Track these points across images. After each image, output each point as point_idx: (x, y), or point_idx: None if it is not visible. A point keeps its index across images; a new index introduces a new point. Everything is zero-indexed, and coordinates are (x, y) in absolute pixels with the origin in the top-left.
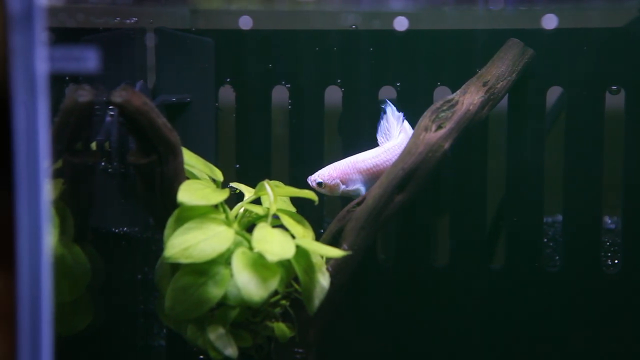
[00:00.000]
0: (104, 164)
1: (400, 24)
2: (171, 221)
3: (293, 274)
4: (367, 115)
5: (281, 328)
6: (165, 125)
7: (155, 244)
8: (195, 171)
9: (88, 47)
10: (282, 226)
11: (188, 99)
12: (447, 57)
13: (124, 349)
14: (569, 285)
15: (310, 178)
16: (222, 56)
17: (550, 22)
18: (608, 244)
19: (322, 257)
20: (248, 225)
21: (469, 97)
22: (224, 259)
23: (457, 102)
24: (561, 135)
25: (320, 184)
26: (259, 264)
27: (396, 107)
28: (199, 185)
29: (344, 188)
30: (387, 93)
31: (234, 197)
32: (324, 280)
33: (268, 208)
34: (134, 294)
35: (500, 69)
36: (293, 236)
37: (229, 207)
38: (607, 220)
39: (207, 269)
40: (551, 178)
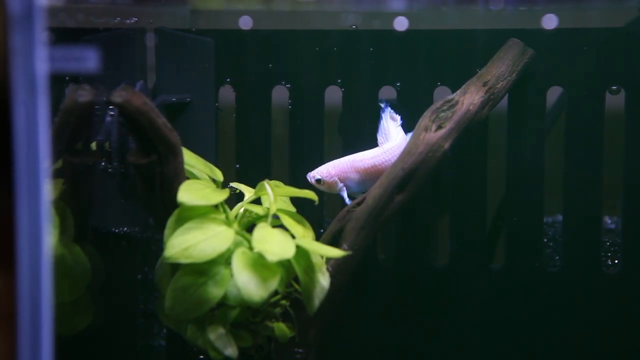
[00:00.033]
0: (104, 164)
1: (400, 24)
2: (171, 221)
3: (293, 274)
4: (367, 115)
5: (281, 328)
6: (165, 125)
7: (155, 244)
8: (195, 171)
9: (88, 47)
10: (282, 226)
11: (188, 99)
12: (447, 57)
13: (124, 349)
14: (569, 285)
15: (309, 174)
16: (222, 56)
17: (550, 22)
18: (608, 244)
19: (322, 257)
20: (248, 225)
21: (469, 97)
22: (224, 259)
23: (457, 102)
24: (561, 135)
25: (318, 181)
26: (259, 264)
27: (395, 107)
28: (199, 185)
29: (341, 186)
30: (387, 93)
31: (234, 197)
32: (324, 280)
33: (268, 208)
34: (134, 294)
35: (500, 69)
36: (293, 236)
37: (229, 207)
38: (607, 220)
39: (207, 269)
40: (551, 178)
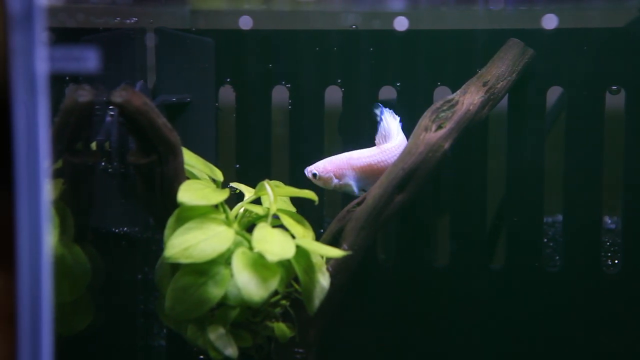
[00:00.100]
0: (104, 164)
1: (400, 24)
2: (171, 221)
3: (293, 274)
4: (367, 115)
5: (281, 328)
6: (165, 125)
7: (155, 244)
8: (195, 171)
9: (88, 47)
10: (282, 226)
11: (188, 99)
12: (447, 57)
13: (124, 349)
14: (569, 285)
15: (307, 169)
16: (222, 56)
17: (550, 22)
18: (608, 244)
19: (322, 257)
20: (248, 225)
21: (469, 97)
22: (224, 259)
23: (457, 102)
24: (561, 135)
25: (315, 175)
26: (259, 264)
27: (395, 108)
28: (199, 185)
29: (336, 182)
30: (387, 93)
31: (234, 197)
32: (324, 280)
33: (268, 208)
34: (134, 294)
35: (501, 69)
36: (293, 236)
37: (229, 207)
38: (607, 220)
39: (207, 269)
40: (551, 178)
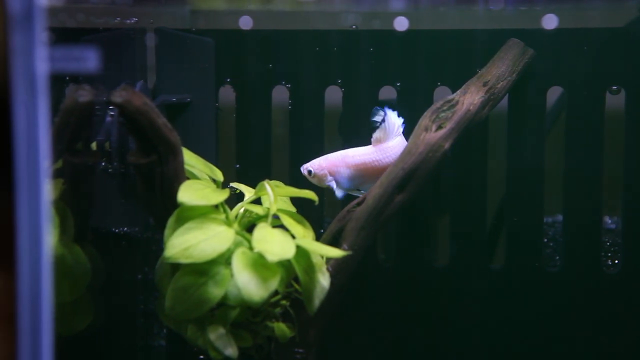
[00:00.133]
0: (104, 164)
1: (400, 24)
2: (171, 221)
3: (293, 274)
4: (367, 115)
5: (281, 328)
6: (165, 125)
7: (155, 244)
8: (195, 171)
9: (88, 47)
10: (282, 226)
11: (188, 99)
12: (447, 57)
13: (124, 349)
14: (569, 285)
15: (303, 166)
16: (222, 56)
17: (550, 22)
18: (608, 244)
19: (322, 257)
20: (248, 225)
21: (469, 97)
22: (224, 259)
23: (457, 102)
24: (561, 135)
25: (310, 172)
26: (259, 264)
27: (394, 108)
28: (199, 185)
29: (330, 179)
30: (387, 93)
31: (234, 197)
32: (324, 280)
33: (268, 208)
34: (134, 294)
35: (501, 69)
36: (293, 236)
37: (229, 207)
38: (607, 220)
39: (207, 269)
40: (551, 178)
